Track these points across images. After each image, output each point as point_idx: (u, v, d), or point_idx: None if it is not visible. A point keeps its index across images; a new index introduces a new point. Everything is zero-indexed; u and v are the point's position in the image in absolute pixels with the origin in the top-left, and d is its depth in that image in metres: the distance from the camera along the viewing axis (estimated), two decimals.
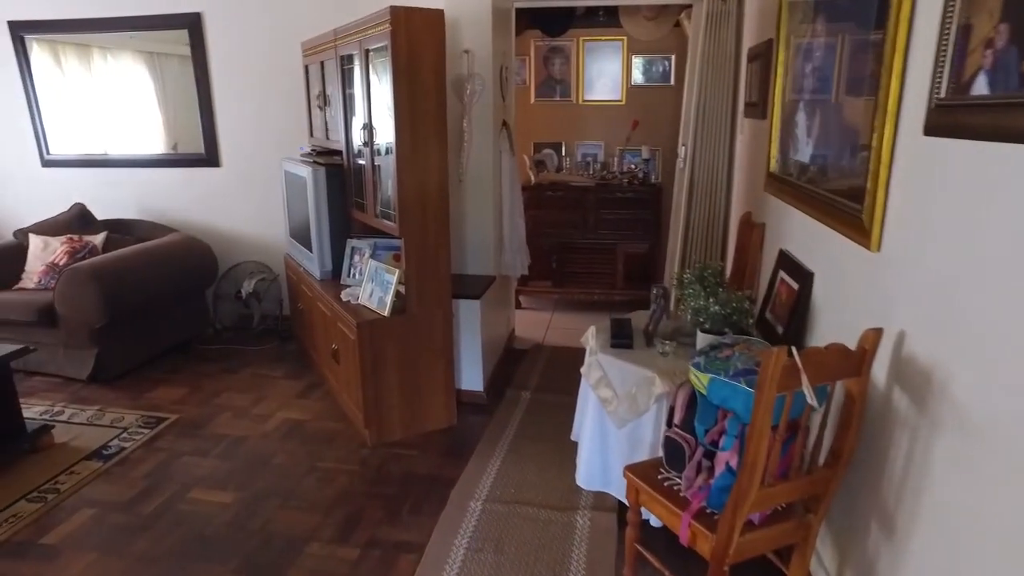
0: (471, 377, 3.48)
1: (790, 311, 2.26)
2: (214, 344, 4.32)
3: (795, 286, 2.28)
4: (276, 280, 4.44)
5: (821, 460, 1.66)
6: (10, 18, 4.39)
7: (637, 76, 5.31)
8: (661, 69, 5.26)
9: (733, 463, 1.66)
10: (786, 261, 2.44)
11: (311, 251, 3.55)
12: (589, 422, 2.50)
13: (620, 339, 2.42)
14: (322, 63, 3.51)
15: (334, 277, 3.50)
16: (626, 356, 2.34)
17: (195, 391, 3.66)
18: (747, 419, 1.60)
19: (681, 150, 4.07)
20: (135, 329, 3.87)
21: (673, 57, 5.17)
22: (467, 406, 3.42)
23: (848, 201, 1.80)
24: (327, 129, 3.65)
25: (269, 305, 4.46)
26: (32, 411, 3.44)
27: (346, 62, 3.14)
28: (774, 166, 2.66)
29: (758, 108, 3.04)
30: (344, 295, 3.21)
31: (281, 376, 3.84)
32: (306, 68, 3.85)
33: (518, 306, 4.91)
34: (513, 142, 3.87)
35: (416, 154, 2.75)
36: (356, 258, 3.44)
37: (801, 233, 2.34)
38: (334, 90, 3.36)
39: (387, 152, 2.87)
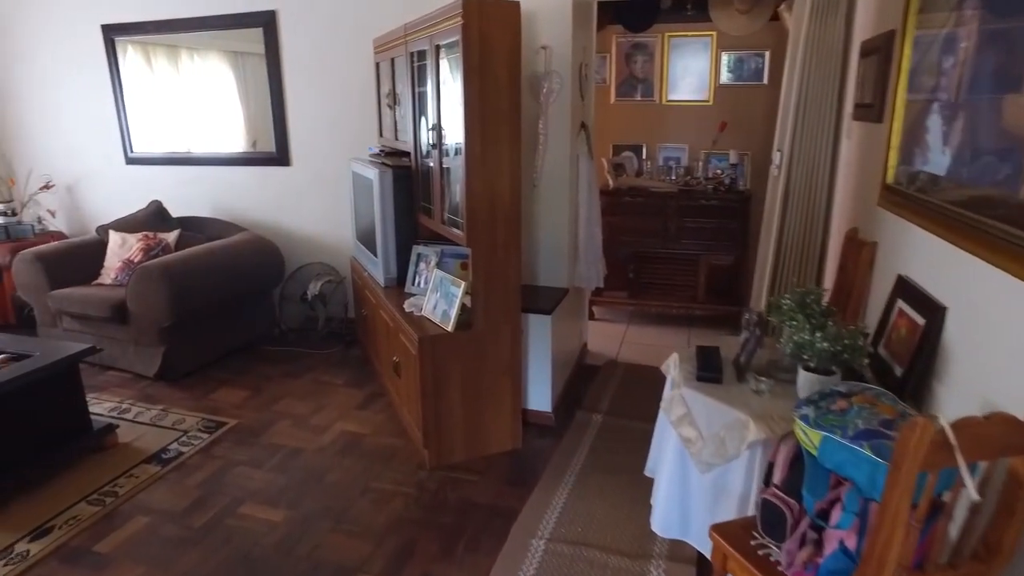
0: (539, 396, 3.26)
1: (913, 350, 1.92)
2: (279, 346, 4.27)
3: (920, 321, 1.93)
4: (342, 283, 4.36)
5: (970, 551, 1.34)
6: (103, 22, 4.48)
7: (726, 74, 4.93)
8: (753, 66, 4.87)
9: (850, 544, 1.37)
10: (907, 289, 2.09)
11: (376, 256, 3.42)
12: (668, 461, 2.23)
13: (707, 372, 2.13)
14: (392, 60, 3.37)
15: (398, 284, 3.35)
16: (714, 392, 2.05)
17: (256, 394, 3.60)
18: (871, 494, 1.30)
19: (776, 155, 3.70)
20: (202, 328, 3.86)
21: (767, 53, 4.77)
22: (533, 428, 3.20)
23: (1006, 226, 1.46)
24: (396, 129, 3.51)
25: (334, 308, 4.38)
26: (102, 407, 3.46)
27: (416, 59, 2.97)
28: (892, 177, 2.30)
29: (872, 110, 2.67)
30: (407, 305, 3.05)
31: (342, 384, 3.73)
32: (377, 66, 3.73)
33: (591, 317, 4.65)
34: (591, 144, 3.62)
35: (487, 157, 2.54)
36: (422, 265, 3.28)
37: (928, 258, 1.98)
38: (404, 88, 3.21)
39: (456, 154, 2.68)
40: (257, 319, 4.29)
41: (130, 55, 4.56)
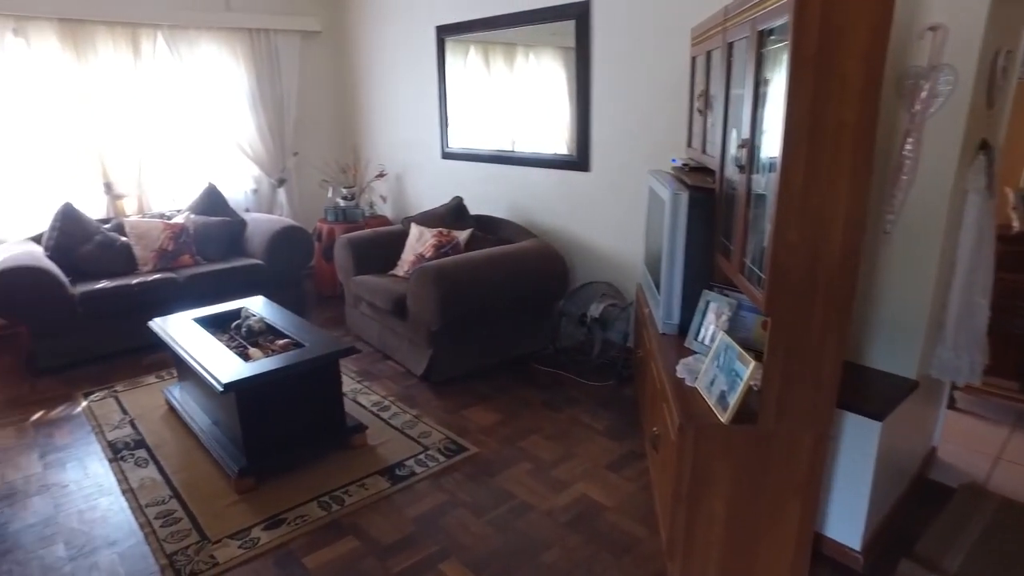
0: (843, 523, 2.31)
1: None
2: (549, 366, 3.93)
3: None
4: (627, 310, 3.83)
5: None
6: (439, 23, 4.63)
7: None
8: None
9: None
10: None
11: (658, 293, 2.80)
12: None
13: None
14: (708, 54, 2.67)
15: (679, 334, 2.69)
16: None
17: (507, 421, 3.30)
18: None
19: None
20: (472, 336, 3.71)
21: None
22: (827, 565, 2.28)
23: None
24: (704, 140, 2.82)
25: (614, 335, 3.88)
26: (368, 398, 3.52)
27: (733, 51, 2.24)
28: None
29: None
30: (681, 367, 2.38)
31: (601, 431, 3.22)
32: (692, 61, 3.05)
33: (950, 405, 3.34)
34: (994, 174, 2.43)
35: (811, 193, 1.73)
36: (710, 316, 2.56)
37: None
38: (717, 90, 2.50)
39: (770, 182, 1.91)
40: (533, 333, 4.02)
41: (470, 55, 4.57)
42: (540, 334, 4.07)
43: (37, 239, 4.40)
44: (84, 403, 3.57)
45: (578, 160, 4.02)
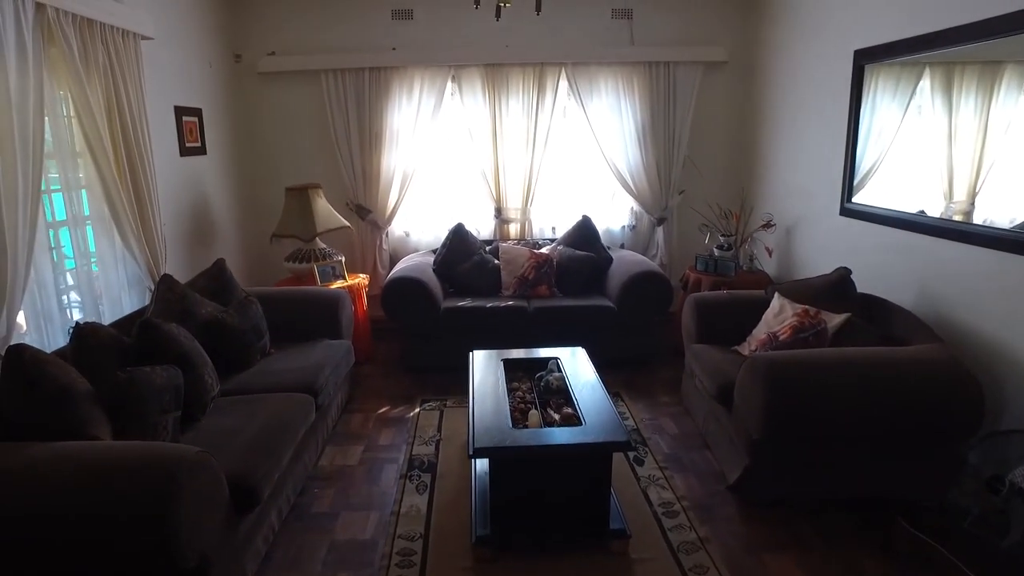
0: None
1: None
2: (921, 529, 2.71)
3: None
4: None
5: None
6: (857, 47, 3.67)
7: None
8: None
9: None
10: None
11: None
12: None
13: None
14: None
15: None
16: None
17: None
18: None
19: None
20: (809, 455, 2.79)
21: None
22: None
23: None
24: None
25: None
26: (660, 494, 2.98)
27: None
28: None
29: None
30: None
31: None
32: None
33: None
34: None
35: None
36: None
37: None
38: None
39: None
40: (908, 473, 2.83)
41: (902, 83, 3.40)
42: (920, 478, 2.84)
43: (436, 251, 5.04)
44: (417, 409, 3.90)
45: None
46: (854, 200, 3.82)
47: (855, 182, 3.81)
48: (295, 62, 4.96)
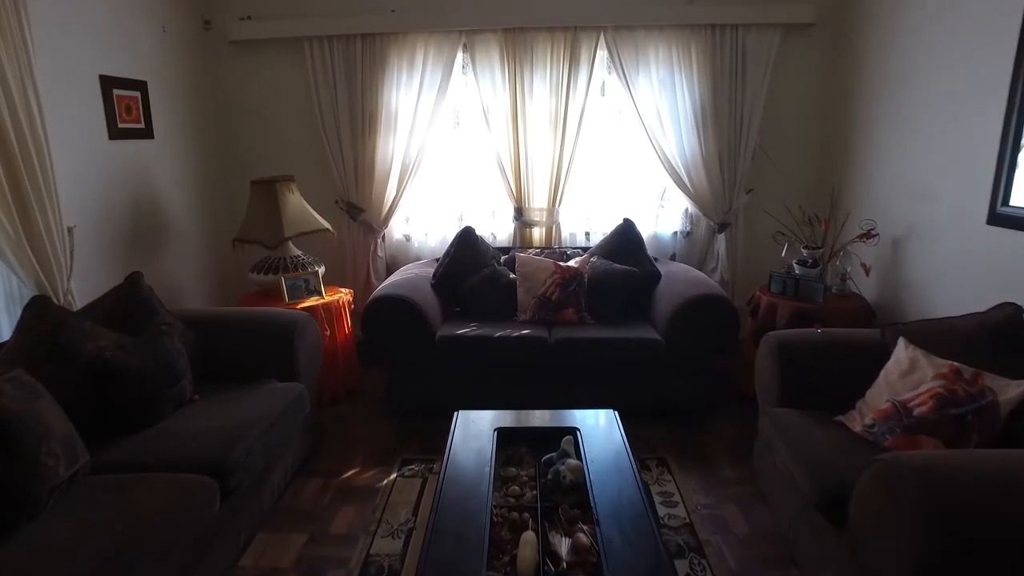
0: None
1: None
2: None
3: None
4: None
5: None
6: None
7: None
8: None
9: None
10: None
11: None
12: None
13: None
14: None
15: None
16: None
17: None
18: None
19: None
20: None
21: None
22: None
23: None
24: None
25: None
26: None
27: None
28: None
29: None
30: None
31: None
32: None
33: None
34: None
35: None
36: None
37: None
38: None
39: None
40: None
41: None
42: None
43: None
44: (394, 475, 2.94)
45: None
46: (1012, 203, 2.67)
47: (1014, 179, 2.66)
48: (274, 28, 4.06)
